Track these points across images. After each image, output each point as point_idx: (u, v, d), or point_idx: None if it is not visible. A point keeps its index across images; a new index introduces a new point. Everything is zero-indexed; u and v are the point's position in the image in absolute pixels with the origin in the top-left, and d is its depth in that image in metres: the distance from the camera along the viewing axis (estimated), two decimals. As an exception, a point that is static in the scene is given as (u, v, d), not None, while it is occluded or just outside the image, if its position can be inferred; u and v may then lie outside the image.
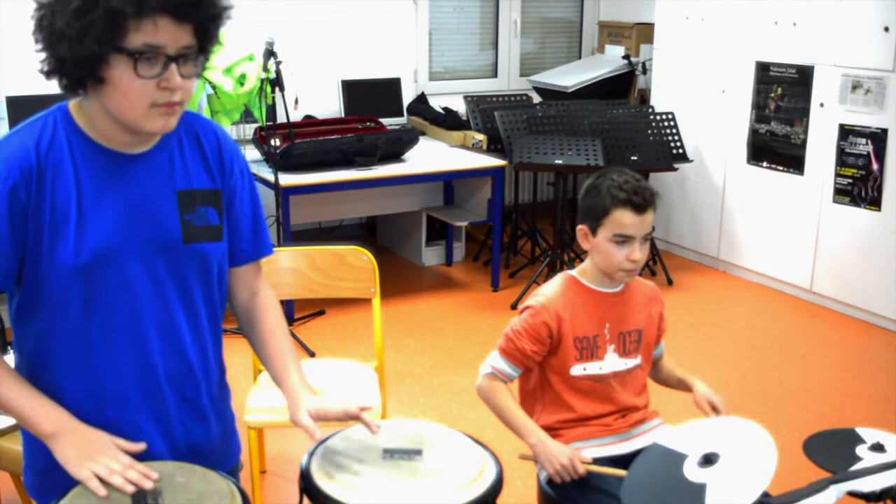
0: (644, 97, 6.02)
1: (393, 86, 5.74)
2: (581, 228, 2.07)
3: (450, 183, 5.42)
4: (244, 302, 1.72)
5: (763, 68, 5.06)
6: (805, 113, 4.84)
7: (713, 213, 5.48)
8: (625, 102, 5.82)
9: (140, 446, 1.50)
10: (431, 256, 5.49)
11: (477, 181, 5.19)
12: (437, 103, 5.89)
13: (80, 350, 1.49)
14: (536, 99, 6.04)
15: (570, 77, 6.04)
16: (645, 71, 6.02)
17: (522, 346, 2.02)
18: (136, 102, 1.39)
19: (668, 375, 2.26)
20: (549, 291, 2.09)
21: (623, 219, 1.97)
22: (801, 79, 4.85)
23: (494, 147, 5.17)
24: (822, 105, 4.75)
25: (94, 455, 1.43)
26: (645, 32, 6.08)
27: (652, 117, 5.35)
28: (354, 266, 2.72)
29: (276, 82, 4.10)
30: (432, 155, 5.03)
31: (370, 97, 5.58)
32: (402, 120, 5.71)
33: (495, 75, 6.56)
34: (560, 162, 4.57)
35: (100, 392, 1.51)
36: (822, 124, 4.77)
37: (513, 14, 6.49)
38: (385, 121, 5.18)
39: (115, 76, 1.37)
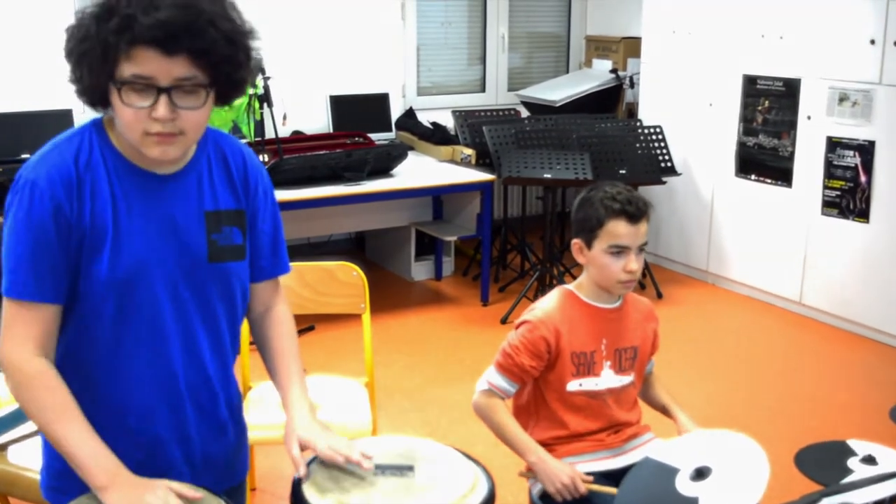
0: (632, 111, 6.04)
1: (381, 101, 5.73)
2: (575, 242, 2.06)
3: (439, 198, 5.41)
4: (258, 315, 1.75)
5: (750, 81, 5.07)
6: (792, 125, 4.85)
7: (702, 226, 5.47)
8: (612, 116, 5.84)
9: (197, 495, 1.49)
10: (421, 271, 5.47)
11: (465, 196, 5.19)
12: (425, 118, 5.88)
13: (109, 360, 1.52)
14: (525, 113, 6.05)
15: (557, 91, 6.05)
16: (632, 85, 6.05)
17: (521, 361, 2.01)
18: (130, 130, 1.43)
19: (654, 398, 2.25)
20: (546, 306, 2.08)
21: (618, 229, 1.97)
22: (789, 91, 4.85)
23: (483, 161, 5.16)
24: (809, 118, 4.76)
25: (144, 496, 1.44)
26: (632, 46, 6.09)
27: (640, 131, 5.36)
28: (344, 281, 2.71)
29: (265, 98, 4.10)
30: (421, 170, 5.02)
31: (358, 112, 5.57)
32: (391, 135, 5.70)
33: (483, 90, 6.56)
34: (549, 176, 4.58)
35: (124, 401, 1.54)
36: (810, 137, 4.77)
37: (500, 29, 6.51)
38: (373, 136, 5.18)
39: (115, 103, 1.41)
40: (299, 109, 5.36)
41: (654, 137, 5.34)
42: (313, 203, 4.43)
